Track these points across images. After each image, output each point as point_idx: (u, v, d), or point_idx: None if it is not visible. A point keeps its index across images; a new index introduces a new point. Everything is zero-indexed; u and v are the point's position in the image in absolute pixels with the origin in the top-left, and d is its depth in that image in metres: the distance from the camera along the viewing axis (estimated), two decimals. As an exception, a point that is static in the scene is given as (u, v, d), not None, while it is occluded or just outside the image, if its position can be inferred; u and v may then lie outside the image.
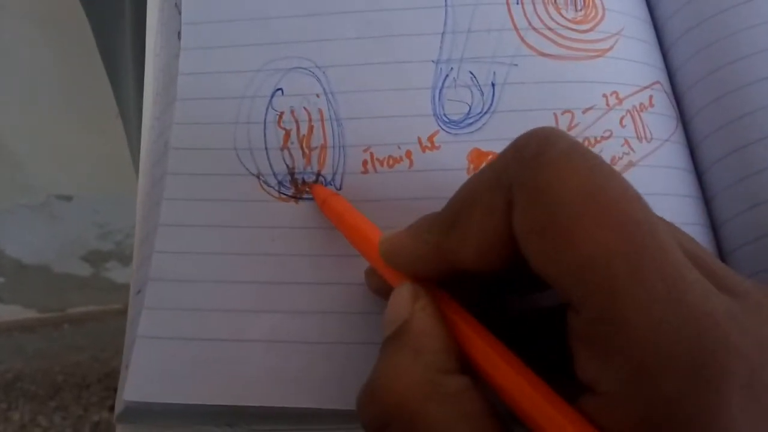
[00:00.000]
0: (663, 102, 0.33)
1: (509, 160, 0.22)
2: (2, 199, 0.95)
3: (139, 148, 0.34)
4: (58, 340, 1.26)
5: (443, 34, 0.33)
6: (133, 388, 0.28)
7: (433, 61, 0.33)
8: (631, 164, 0.31)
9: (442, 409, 0.21)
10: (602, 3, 0.34)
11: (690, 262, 0.20)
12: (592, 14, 0.34)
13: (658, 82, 0.34)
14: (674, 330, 0.18)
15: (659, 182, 0.32)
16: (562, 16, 0.34)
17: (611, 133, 0.32)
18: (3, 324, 1.24)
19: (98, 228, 1.03)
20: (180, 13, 0.34)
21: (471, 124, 0.32)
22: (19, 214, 0.98)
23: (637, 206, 0.20)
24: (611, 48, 0.33)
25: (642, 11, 0.36)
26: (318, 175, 0.31)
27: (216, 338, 0.29)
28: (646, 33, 0.35)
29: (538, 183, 0.20)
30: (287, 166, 0.32)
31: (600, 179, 0.20)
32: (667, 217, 0.25)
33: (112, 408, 1.23)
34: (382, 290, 0.28)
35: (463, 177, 0.31)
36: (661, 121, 0.33)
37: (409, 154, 0.32)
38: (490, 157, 0.31)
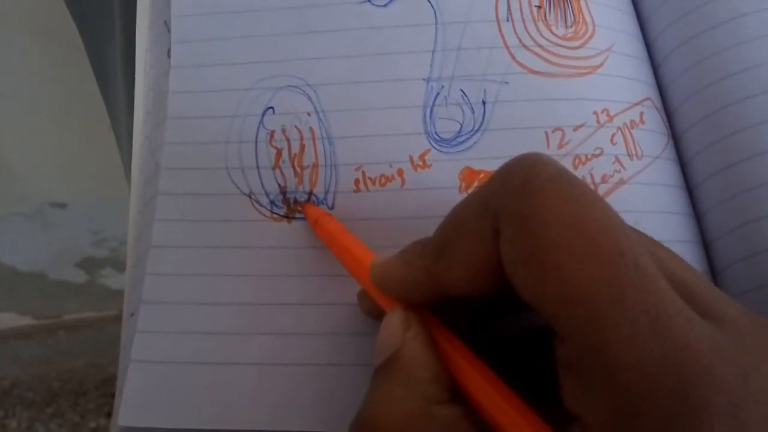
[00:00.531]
0: (654, 118, 0.33)
1: (496, 186, 0.21)
2: (-4, 207, 0.95)
3: (131, 163, 0.34)
4: (53, 347, 1.26)
5: (434, 52, 0.33)
6: (128, 413, 0.28)
7: (423, 79, 0.32)
8: (622, 182, 0.31)
9: None
10: (592, 19, 0.34)
11: (674, 292, 0.20)
12: (582, 30, 0.34)
13: (648, 99, 0.33)
14: (657, 361, 0.18)
15: (650, 200, 0.31)
16: (553, 33, 0.33)
17: (602, 151, 0.31)
18: (-2, 331, 1.23)
19: (93, 235, 1.03)
20: (169, 32, 0.34)
21: (462, 142, 0.32)
22: (14, 221, 0.97)
23: (621, 236, 0.20)
24: (602, 64, 0.33)
25: (632, 27, 0.35)
26: (310, 194, 0.31)
27: (208, 362, 0.29)
28: (637, 49, 0.35)
29: (524, 211, 0.20)
30: (279, 185, 0.31)
31: (585, 209, 0.20)
32: (658, 235, 0.25)
33: (109, 414, 1.22)
34: (374, 312, 0.28)
35: (455, 195, 0.31)
36: (652, 137, 0.33)
37: (401, 172, 0.31)
38: (481, 175, 0.31)
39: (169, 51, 0.33)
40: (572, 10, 0.34)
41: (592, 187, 0.31)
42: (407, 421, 0.21)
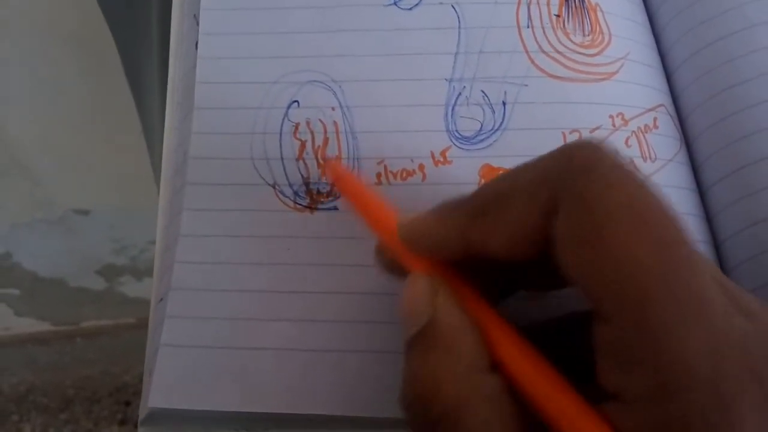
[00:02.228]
0: (667, 124, 0.33)
1: (559, 162, 0.21)
2: (21, 214, 0.95)
3: (160, 162, 0.34)
4: (70, 354, 1.25)
5: (456, 54, 0.33)
6: (158, 395, 0.28)
7: (446, 80, 0.32)
8: (636, 183, 0.31)
9: (485, 411, 0.21)
10: (608, 29, 0.34)
11: (716, 284, 0.20)
12: (599, 39, 0.34)
13: (662, 105, 0.33)
14: (698, 346, 0.18)
15: (663, 201, 0.31)
16: (571, 40, 0.33)
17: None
18: (17, 336, 1.23)
19: (113, 242, 1.02)
20: (198, 25, 0.34)
21: (482, 140, 0.32)
22: (37, 227, 0.97)
23: (677, 226, 0.20)
24: (617, 71, 0.33)
25: (647, 37, 0.35)
26: (332, 185, 0.31)
27: (234, 347, 0.29)
28: (651, 58, 0.35)
29: (587, 193, 0.20)
30: (302, 176, 0.31)
31: (647, 197, 0.20)
32: None
33: (122, 422, 1.22)
34: (392, 268, 0.27)
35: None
36: (665, 141, 0.33)
37: (422, 167, 0.31)
38: (501, 172, 0.31)
39: (197, 43, 0.34)
40: (589, 19, 0.34)
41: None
42: (455, 390, 0.21)
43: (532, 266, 0.23)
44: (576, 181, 0.20)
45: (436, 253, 0.24)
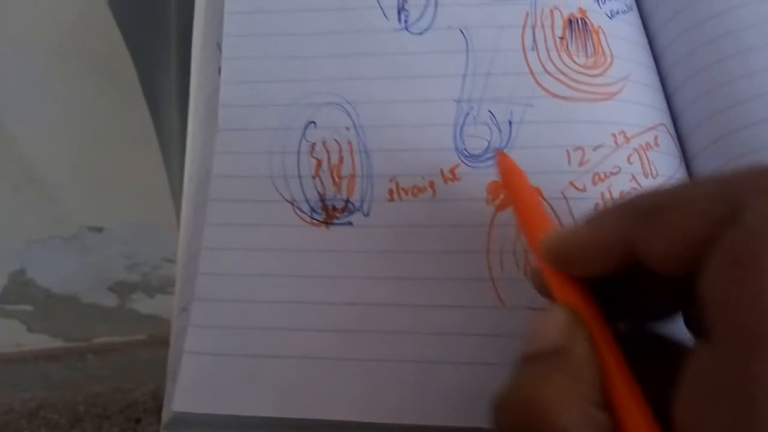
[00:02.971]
0: (667, 142, 0.34)
1: (744, 182, 0.20)
2: (36, 231, 0.96)
3: (178, 179, 0.35)
4: (81, 370, 1.25)
5: (464, 76, 0.34)
6: (181, 400, 0.29)
7: (455, 101, 0.33)
8: (638, 198, 0.32)
9: None
10: (610, 50, 0.35)
11: None
12: (602, 60, 0.35)
13: (662, 124, 0.34)
14: None
15: (664, 216, 0.32)
16: (574, 61, 0.34)
17: (619, 170, 0.32)
18: (29, 352, 1.23)
19: (126, 259, 1.03)
20: (220, 51, 0.35)
21: (490, 158, 0.32)
22: (52, 244, 0.98)
23: None
24: (619, 92, 0.34)
25: (647, 59, 0.36)
26: (347, 201, 0.32)
27: (255, 354, 0.30)
28: (651, 79, 0.36)
29: None
30: (319, 193, 0.32)
31: None
32: None
33: (132, 440, 1.21)
34: (546, 290, 0.26)
35: (483, 206, 0.32)
36: (666, 159, 0.33)
37: (432, 184, 0.32)
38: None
39: (219, 68, 0.35)
40: (592, 42, 0.35)
41: (611, 201, 0.32)
42: (571, 418, 0.20)
43: (661, 287, 0.22)
44: (761, 200, 0.19)
45: (584, 260, 0.23)
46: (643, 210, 0.22)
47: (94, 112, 0.80)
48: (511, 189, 0.30)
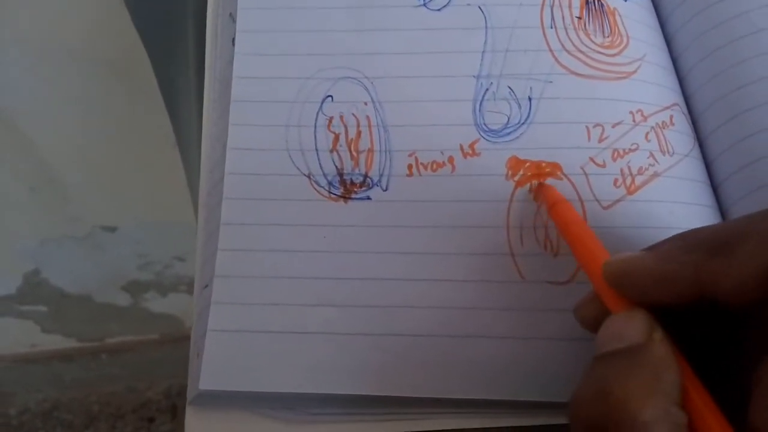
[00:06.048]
0: (681, 122, 0.32)
1: None
2: (50, 230, 0.93)
3: (196, 174, 0.33)
4: (95, 370, 1.22)
5: (483, 52, 0.32)
6: (207, 378, 0.27)
7: (474, 76, 0.31)
8: (656, 174, 0.30)
9: None
10: (626, 31, 0.33)
11: None
12: (618, 41, 0.33)
13: (676, 104, 0.32)
14: None
15: (681, 192, 0.30)
16: (592, 40, 0.32)
17: (638, 146, 0.30)
18: (43, 353, 1.20)
19: (139, 258, 1.00)
20: (234, 23, 0.33)
21: (509, 133, 0.30)
22: (65, 244, 0.95)
23: None
24: (635, 71, 0.32)
25: (660, 41, 0.34)
26: (365, 176, 0.30)
27: (277, 330, 0.28)
28: (665, 60, 0.34)
29: None
30: (336, 167, 0.30)
31: None
32: (689, 224, 0.24)
33: (146, 439, 1.18)
34: (592, 321, 0.24)
35: (502, 182, 0.30)
36: (681, 138, 0.32)
37: (451, 159, 0.30)
38: (527, 164, 0.30)
39: (233, 40, 0.33)
40: (609, 22, 0.33)
41: (630, 177, 0.30)
42: (649, 409, 0.19)
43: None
44: None
45: (649, 293, 0.22)
46: (713, 245, 0.21)
47: (108, 114, 0.78)
48: (559, 219, 0.28)
